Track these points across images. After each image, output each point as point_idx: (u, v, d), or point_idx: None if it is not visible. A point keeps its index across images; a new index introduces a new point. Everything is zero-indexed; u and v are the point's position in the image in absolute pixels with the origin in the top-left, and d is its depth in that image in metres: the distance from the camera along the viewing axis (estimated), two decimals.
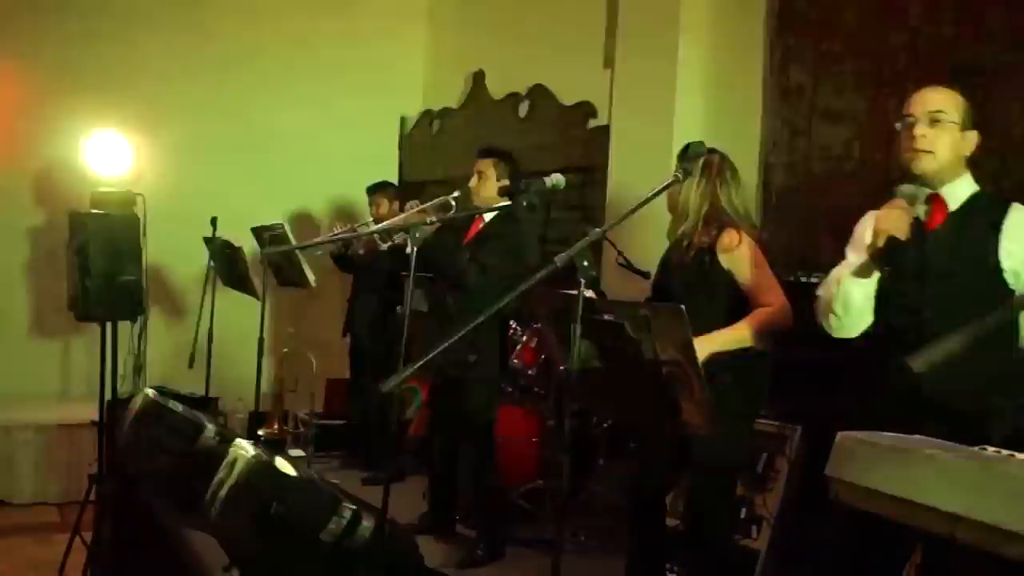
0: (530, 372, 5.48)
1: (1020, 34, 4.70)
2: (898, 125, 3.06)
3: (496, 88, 8.33)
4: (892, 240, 2.82)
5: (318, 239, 4.47)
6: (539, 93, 7.77)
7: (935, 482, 1.79)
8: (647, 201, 2.75)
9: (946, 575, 2.36)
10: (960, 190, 3.02)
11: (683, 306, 2.30)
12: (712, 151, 3.79)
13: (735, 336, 3.54)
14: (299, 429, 7.22)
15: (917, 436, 2.17)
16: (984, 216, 2.94)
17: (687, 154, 2.98)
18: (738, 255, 3.68)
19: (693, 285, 3.66)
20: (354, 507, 3.70)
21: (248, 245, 6.13)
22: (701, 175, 3.77)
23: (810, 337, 3.30)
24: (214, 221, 5.96)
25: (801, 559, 4.37)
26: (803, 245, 5.64)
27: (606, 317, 2.46)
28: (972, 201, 3.00)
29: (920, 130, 2.97)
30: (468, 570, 4.76)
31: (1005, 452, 2.02)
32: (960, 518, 1.72)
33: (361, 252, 6.14)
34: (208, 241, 5.93)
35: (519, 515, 5.43)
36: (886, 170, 5.04)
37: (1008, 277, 2.84)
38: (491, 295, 3.02)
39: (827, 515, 2.96)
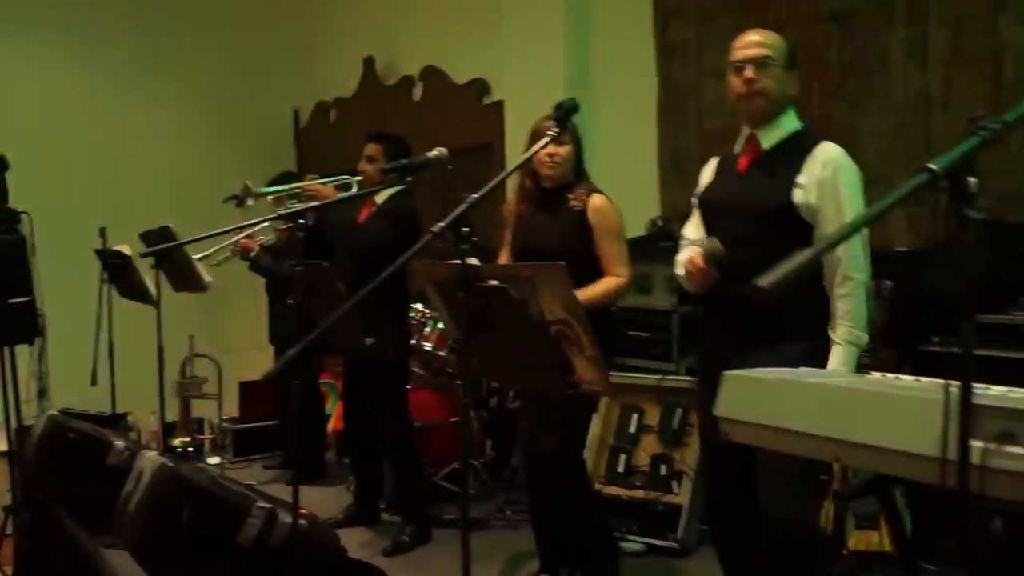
0: (441, 354, 5.43)
1: None
2: (728, 71, 3.14)
3: (388, 73, 8.25)
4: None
5: (202, 235, 4.32)
6: (431, 74, 7.72)
7: (817, 410, 1.78)
8: (521, 164, 2.73)
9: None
10: (778, 130, 3.08)
11: (563, 263, 2.27)
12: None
13: (590, 297, 3.54)
14: (213, 435, 7.10)
15: (803, 368, 2.17)
16: (791, 155, 3.00)
17: (560, 111, 2.95)
18: (607, 220, 3.74)
19: (570, 244, 3.67)
20: (268, 507, 3.64)
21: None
22: (576, 139, 3.82)
23: None
24: (103, 231, 5.79)
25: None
26: None
27: (490, 283, 2.42)
28: (787, 140, 3.06)
29: (750, 73, 3.03)
30: (395, 557, 4.70)
31: (889, 375, 2.03)
32: (843, 442, 1.71)
33: (253, 254, 6.02)
34: (99, 252, 5.76)
35: (443, 496, 5.40)
36: None
37: (802, 213, 2.91)
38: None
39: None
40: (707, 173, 3.31)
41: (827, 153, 2.95)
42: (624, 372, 4.83)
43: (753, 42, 3.07)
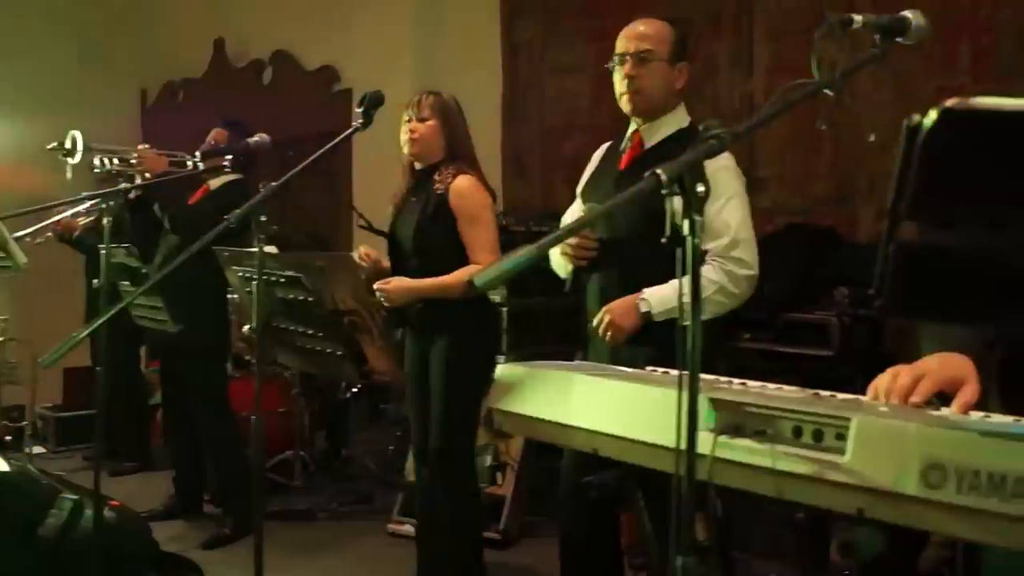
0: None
1: None
2: (610, 66, 3.00)
3: (238, 56, 8.13)
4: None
5: (18, 211, 4.17)
6: (281, 59, 7.65)
7: (579, 403, 1.84)
8: (324, 151, 2.74)
9: None
10: (664, 127, 3.00)
11: (354, 254, 2.28)
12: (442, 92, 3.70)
13: (439, 285, 3.40)
14: (25, 423, 6.87)
15: (577, 362, 2.24)
16: (673, 154, 2.86)
17: (367, 103, 2.95)
18: (468, 203, 3.52)
19: (426, 226, 3.51)
20: (75, 498, 3.56)
21: None
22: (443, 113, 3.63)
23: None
24: None
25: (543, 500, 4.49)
26: (541, 196, 5.79)
27: (287, 272, 2.43)
28: (671, 139, 2.97)
29: (630, 70, 2.93)
30: (214, 550, 4.63)
31: (659, 370, 2.11)
32: (599, 433, 1.78)
33: (78, 234, 5.88)
34: None
35: (270, 488, 5.35)
36: (617, 119, 5.23)
37: (677, 218, 2.86)
38: (199, 264, 2.90)
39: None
40: (592, 163, 3.23)
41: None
42: None
43: (636, 34, 2.96)
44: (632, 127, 3.06)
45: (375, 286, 3.23)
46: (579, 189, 3.20)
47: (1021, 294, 1.17)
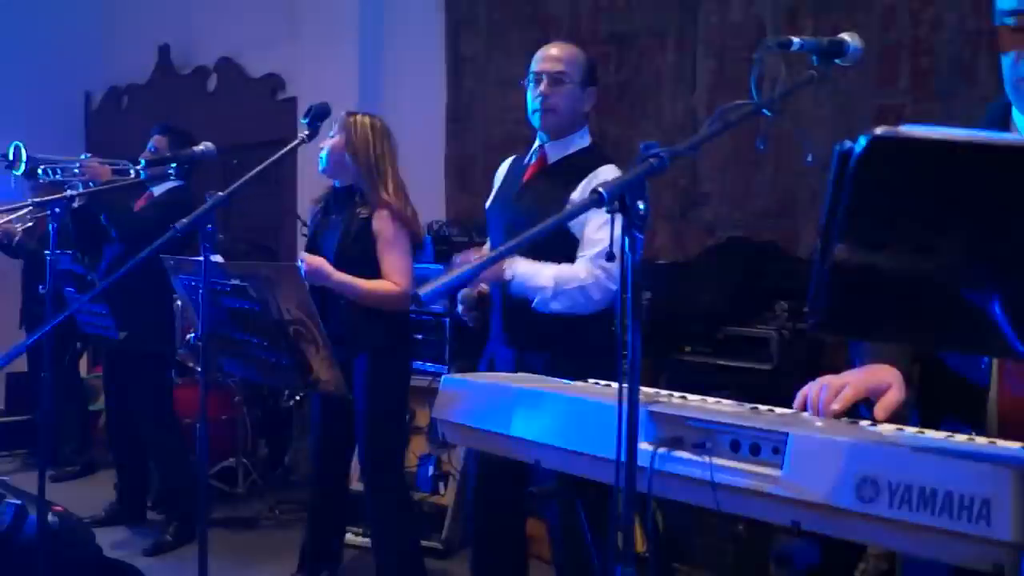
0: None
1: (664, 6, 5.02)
2: (524, 83, 3.15)
3: (183, 62, 8.07)
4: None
5: None
6: (227, 67, 7.61)
7: (522, 414, 1.87)
8: (270, 163, 2.75)
9: None
10: (569, 146, 3.13)
11: (299, 263, 2.30)
12: (366, 114, 3.79)
13: (353, 284, 3.50)
14: None
15: (520, 374, 2.27)
16: (573, 171, 3.03)
17: (312, 115, 2.98)
18: (384, 229, 3.63)
19: (348, 247, 3.64)
20: (18, 503, 3.52)
21: None
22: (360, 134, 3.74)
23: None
24: None
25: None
26: (484, 207, 5.80)
27: (232, 281, 2.44)
28: (573, 157, 3.11)
29: (544, 88, 3.06)
30: (156, 556, 4.62)
31: (601, 382, 2.14)
32: (540, 445, 1.81)
33: (18, 239, 5.83)
34: None
35: (213, 495, 5.32)
36: None
37: (572, 230, 2.95)
38: (144, 271, 2.89)
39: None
40: (498, 176, 3.36)
41: (603, 175, 2.95)
42: None
43: (552, 56, 3.10)
44: (537, 142, 3.20)
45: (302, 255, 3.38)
46: (487, 204, 3.34)
47: (947, 314, 1.22)
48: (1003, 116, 1.82)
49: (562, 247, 2.94)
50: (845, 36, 1.91)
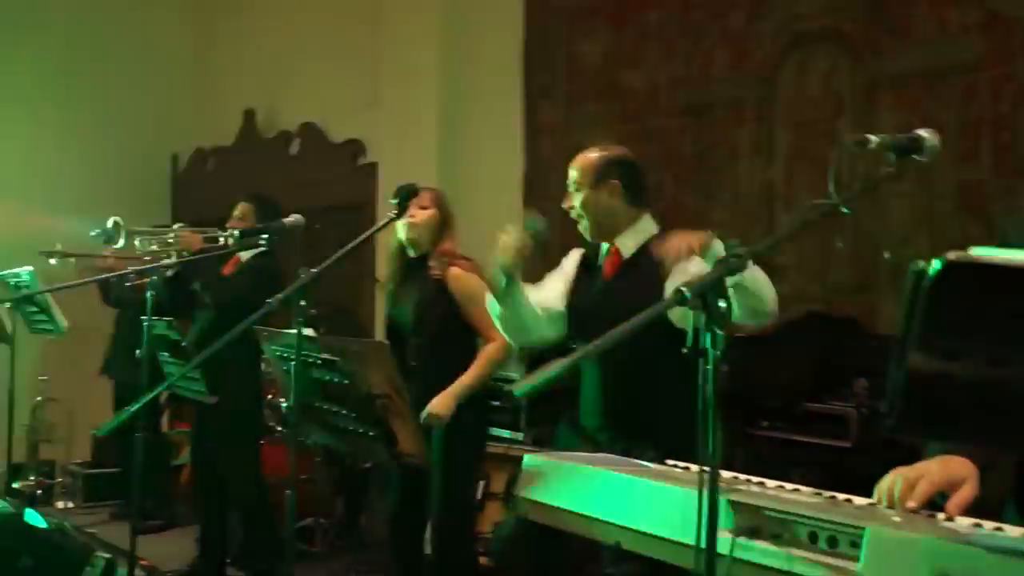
0: None
1: (742, 72, 5.08)
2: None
3: (267, 126, 8.32)
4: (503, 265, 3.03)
5: (63, 284, 4.37)
6: (309, 131, 7.81)
7: (604, 496, 1.92)
8: (360, 240, 2.85)
9: None
10: (636, 235, 3.17)
11: (387, 342, 2.39)
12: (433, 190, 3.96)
13: (469, 384, 3.67)
14: (58, 479, 6.99)
15: (600, 455, 2.32)
16: (650, 261, 3.01)
17: (401, 195, 3.09)
18: (465, 286, 3.79)
19: (425, 312, 3.79)
20: (108, 556, 3.63)
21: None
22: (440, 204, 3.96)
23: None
24: None
25: None
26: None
27: (322, 355, 2.53)
28: (647, 245, 3.12)
29: (569, 201, 3.23)
30: None
31: (680, 465, 2.19)
32: (623, 528, 1.86)
33: (128, 284, 6.02)
34: None
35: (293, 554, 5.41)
36: None
37: (674, 317, 2.83)
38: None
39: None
40: (569, 265, 3.35)
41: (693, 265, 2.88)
42: None
43: (569, 173, 3.24)
44: (604, 244, 3.24)
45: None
46: (564, 301, 3.27)
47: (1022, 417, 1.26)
48: None
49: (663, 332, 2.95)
50: (923, 133, 1.94)
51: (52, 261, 4.83)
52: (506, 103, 6.25)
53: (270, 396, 5.30)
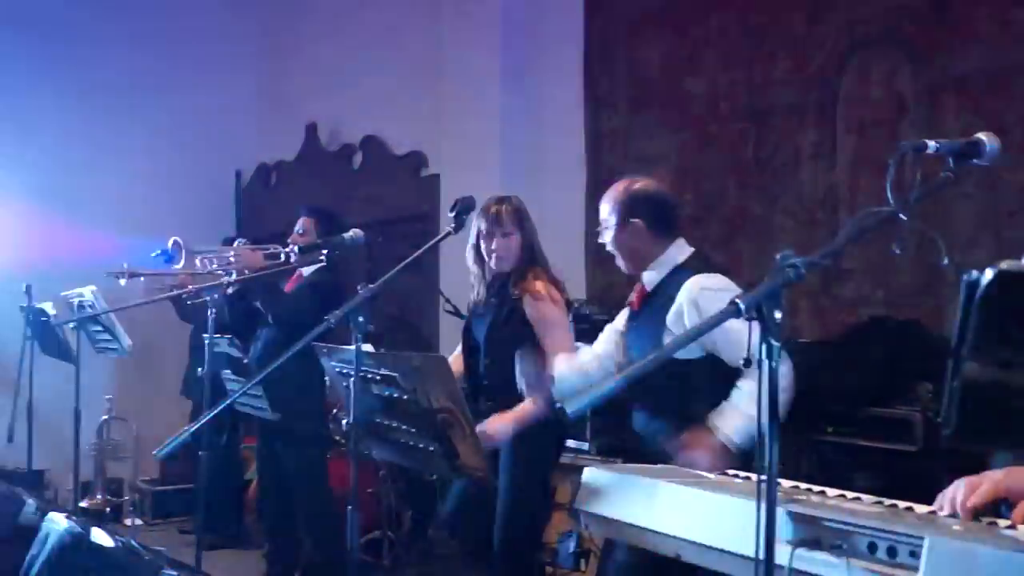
0: None
1: (803, 76, 5.03)
2: None
3: (330, 140, 8.41)
4: None
5: (128, 304, 4.45)
6: (371, 144, 7.88)
7: (664, 508, 1.92)
8: (418, 255, 2.88)
9: None
10: (659, 269, 3.26)
11: (447, 356, 2.41)
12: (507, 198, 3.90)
13: (532, 412, 3.59)
14: (126, 497, 7.12)
15: (660, 466, 2.32)
16: (667, 295, 3.13)
17: (459, 209, 3.12)
18: (539, 312, 3.72)
19: (498, 329, 3.77)
20: (175, 574, 3.67)
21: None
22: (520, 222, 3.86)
23: None
24: (28, 289, 5.81)
25: None
26: (624, 284, 5.86)
27: (382, 370, 2.56)
28: (666, 279, 3.21)
29: (601, 239, 3.36)
30: None
31: (741, 474, 2.18)
32: (681, 540, 1.86)
33: (189, 303, 6.11)
34: (24, 310, 5.80)
35: (360, 567, 5.44)
36: (694, 207, 5.36)
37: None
38: (296, 353, 3.05)
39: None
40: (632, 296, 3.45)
41: (687, 287, 3.07)
42: None
43: (600, 211, 3.39)
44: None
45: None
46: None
47: None
48: None
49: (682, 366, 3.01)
50: (982, 136, 1.93)
51: (121, 282, 4.90)
52: (568, 111, 6.26)
53: (335, 411, 5.35)
